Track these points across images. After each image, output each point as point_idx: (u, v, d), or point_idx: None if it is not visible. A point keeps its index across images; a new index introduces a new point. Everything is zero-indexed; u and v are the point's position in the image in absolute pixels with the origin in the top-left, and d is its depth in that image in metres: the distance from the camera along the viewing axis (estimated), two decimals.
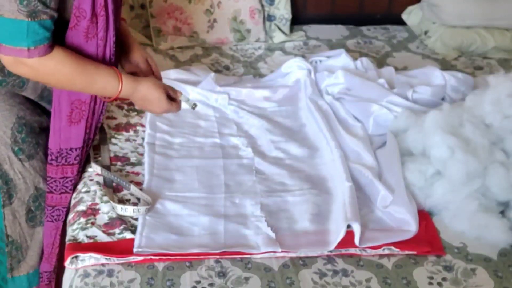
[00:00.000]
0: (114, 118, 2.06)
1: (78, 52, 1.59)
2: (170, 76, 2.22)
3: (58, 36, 1.55)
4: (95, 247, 1.57)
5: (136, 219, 1.66)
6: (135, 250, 1.56)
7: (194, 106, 1.79)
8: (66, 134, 1.73)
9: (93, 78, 1.59)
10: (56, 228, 1.80)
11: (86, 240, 1.60)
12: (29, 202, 1.80)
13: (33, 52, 1.47)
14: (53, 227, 1.80)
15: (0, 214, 1.78)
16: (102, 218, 1.66)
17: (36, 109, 1.81)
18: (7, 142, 1.73)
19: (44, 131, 1.80)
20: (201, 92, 2.16)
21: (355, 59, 2.36)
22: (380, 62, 2.57)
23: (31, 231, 1.83)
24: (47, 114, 1.81)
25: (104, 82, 1.61)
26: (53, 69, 1.53)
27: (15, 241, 1.81)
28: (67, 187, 1.78)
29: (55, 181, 1.77)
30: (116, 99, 1.73)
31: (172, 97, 1.73)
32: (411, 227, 1.67)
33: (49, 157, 1.75)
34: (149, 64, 1.83)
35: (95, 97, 1.72)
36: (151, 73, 1.82)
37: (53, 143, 1.74)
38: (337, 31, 2.86)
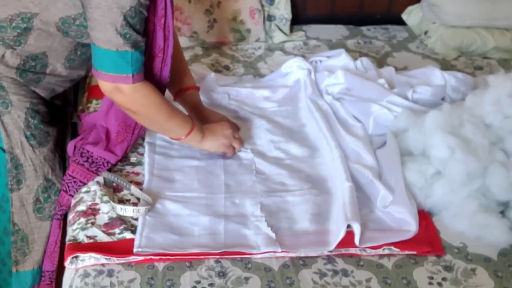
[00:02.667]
0: None
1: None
2: None
3: None
4: (95, 247, 1.57)
5: (136, 219, 1.67)
6: (135, 250, 1.56)
7: None
8: (107, 150, 1.82)
9: (174, 113, 1.74)
10: (58, 226, 1.81)
11: (86, 240, 1.60)
12: (38, 191, 1.80)
13: (136, 78, 1.61)
14: (57, 225, 1.81)
15: (6, 205, 1.79)
16: (102, 218, 1.66)
17: (48, 104, 1.85)
18: (21, 127, 1.76)
19: (54, 124, 1.84)
20: (201, 92, 2.16)
21: (355, 59, 2.36)
22: (380, 62, 2.57)
23: (38, 224, 1.82)
24: (56, 111, 1.88)
25: (181, 120, 1.77)
26: (147, 96, 1.66)
27: (21, 231, 1.81)
28: (77, 190, 1.78)
29: (73, 181, 1.78)
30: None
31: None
32: (411, 227, 1.67)
33: (81, 158, 1.79)
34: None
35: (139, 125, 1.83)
36: None
37: (93, 150, 1.80)
38: (337, 31, 2.85)
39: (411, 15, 2.88)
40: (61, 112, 1.92)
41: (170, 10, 1.67)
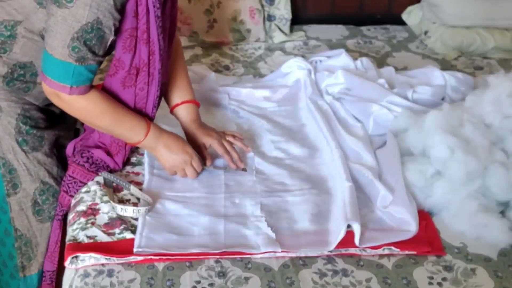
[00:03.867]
0: None
1: (115, 97, 1.71)
2: None
3: None
4: (95, 247, 1.57)
5: (136, 219, 1.67)
6: (135, 250, 1.56)
7: (244, 169, 1.85)
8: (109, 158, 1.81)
9: (120, 121, 1.70)
10: (59, 226, 1.81)
11: (86, 240, 1.60)
12: (35, 194, 1.81)
13: (74, 90, 1.60)
14: (57, 225, 1.81)
15: (6, 206, 1.79)
16: (102, 218, 1.66)
17: (41, 109, 1.84)
18: (12, 132, 1.76)
19: (49, 128, 1.84)
20: (201, 92, 2.16)
21: (355, 59, 2.36)
22: (380, 62, 2.57)
23: (39, 226, 1.83)
24: (54, 116, 1.87)
25: (131, 126, 1.72)
26: (84, 107, 1.65)
27: (24, 236, 1.81)
28: (76, 190, 1.78)
29: (74, 182, 1.78)
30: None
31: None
32: (411, 227, 1.67)
33: (81, 158, 1.79)
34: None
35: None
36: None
37: (96, 150, 1.79)
38: (337, 31, 2.86)
39: (411, 15, 2.88)
40: (60, 116, 1.90)
41: (154, 26, 1.63)
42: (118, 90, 1.72)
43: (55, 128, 1.87)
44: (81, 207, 1.70)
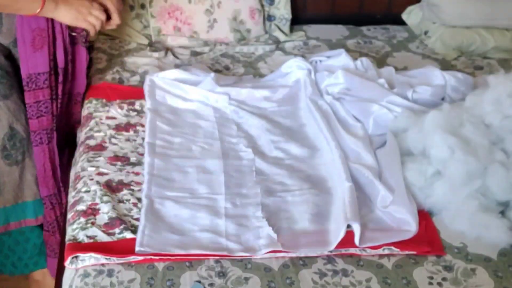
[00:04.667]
0: (114, 118, 2.06)
1: None
2: (170, 76, 2.22)
3: None
4: (95, 247, 1.57)
5: (137, 219, 1.67)
6: (136, 249, 1.56)
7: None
8: (32, 60, 1.89)
9: None
10: (42, 151, 1.93)
11: (86, 240, 1.60)
12: (4, 140, 1.90)
13: None
14: (40, 150, 1.95)
15: None
16: (102, 218, 1.66)
17: (8, 57, 1.93)
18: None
19: (18, 76, 1.92)
20: (201, 92, 2.17)
21: (355, 59, 2.36)
22: (380, 62, 2.57)
23: (7, 169, 1.94)
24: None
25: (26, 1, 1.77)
26: None
27: None
28: (41, 110, 1.90)
29: (30, 106, 1.91)
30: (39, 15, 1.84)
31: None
32: (411, 227, 1.67)
33: (23, 84, 1.87)
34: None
35: (53, 24, 1.89)
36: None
37: (23, 69, 1.88)
38: (337, 31, 2.86)
39: (411, 15, 2.88)
40: None
41: None
42: None
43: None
44: (81, 207, 1.70)
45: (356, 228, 1.62)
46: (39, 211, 2.06)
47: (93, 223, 1.64)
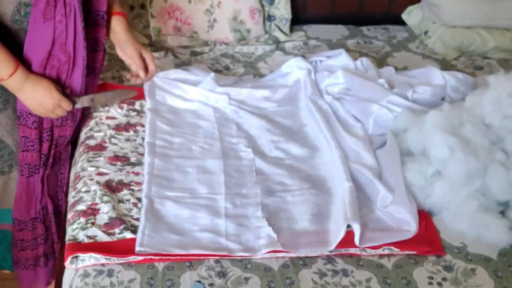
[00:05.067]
0: (114, 118, 2.06)
1: (37, 32, 1.72)
2: (170, 76, 2.23)
3: None
4: (95, 247, 1.57)
5: (137, 219, 1.67)
6: (137, 249, 1.56)
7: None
8: None
9: None
10: (21, 181, 1.93)
11: (86, 240, 1.60)
12: None
13: None
14: (20, 179, 1.93)
15: None
16: (102, 218, 1.66)
17: None
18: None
19: None
20: (201, 92, 2.17)
21: (355, 59, 2.36)
22: (380, 62, 2.57)
23: None
24: None
25: (1, 60, 1.70)
26: None
27: None
28: (27, 146, 1.88)
29: (21, 138, 1.88)
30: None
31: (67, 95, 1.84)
32: (411, 227, 1.67)
33: (17, 115, 1.86)
34: (144, 59, 1.98)
35: (47, 68, 1.80)
36: (146, 68, 2.00)
37: (18, 103, 1.84)
38: (337, 31, 2.86)
39: (411, 15, 2.88)
40: None
41: None
42: (40, 23, 1.72)
43: None
44: (81, 207, 1.70)
45: (356, 228, 1.62)
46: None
47: (93, 223, 1.64)
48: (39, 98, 1.77)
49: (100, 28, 1.92)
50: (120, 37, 1.98)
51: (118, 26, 1.98)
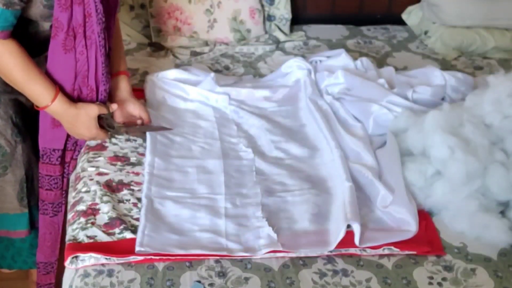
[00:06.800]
0: None
1: (57, 63, 1.74)
2: (170, 76, 2.22)
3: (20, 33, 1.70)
4: (95, 247, 1.57)
5: (137, 219, 1.67)
6: (137, 249, 1.56)
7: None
8: (50, 135, 1.85)
9: (31, 79, 1.71)
10: (45, 221, 1.90)
11: (86, 240, 1.60)
12: (22, 182, 1.93)
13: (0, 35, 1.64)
14: (43, 219, 1.92)
15: None
16: (102, 218, 1.66)
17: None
18: (8, 123, 1.86)
19: (6, 93, 1.88)
20: (201, 92, 2.16)
21: (355, 59, 2.36)
22: (380, 62, 2.57)
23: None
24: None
25: (41, 88, 1.72)
26: (2, 54, 1.67)
27: None
28: (51, 184, 1.88)
29: (42, 177, 1.89)
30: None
31: (104, 126, 1.85)
32: (411, 227, 1.67)
33: (40, 154, 1.87)
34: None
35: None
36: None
37: (40, 141, 1.86)
38: (337, 31, 2.86)
39: (411, 15, 2.88)
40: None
41: None
42: (60, 55, 1.73)
43: (12, 93, 1.87)
44: (81, 207, 1.70)
45: (356, 228, 1.62)
46: (19, 225, 2.01)
47: (93, 223, 1.64)
48: (79, 131, 1.80)
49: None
50: (123, 97, 1.93)
51: (123, 87, 1.93)
